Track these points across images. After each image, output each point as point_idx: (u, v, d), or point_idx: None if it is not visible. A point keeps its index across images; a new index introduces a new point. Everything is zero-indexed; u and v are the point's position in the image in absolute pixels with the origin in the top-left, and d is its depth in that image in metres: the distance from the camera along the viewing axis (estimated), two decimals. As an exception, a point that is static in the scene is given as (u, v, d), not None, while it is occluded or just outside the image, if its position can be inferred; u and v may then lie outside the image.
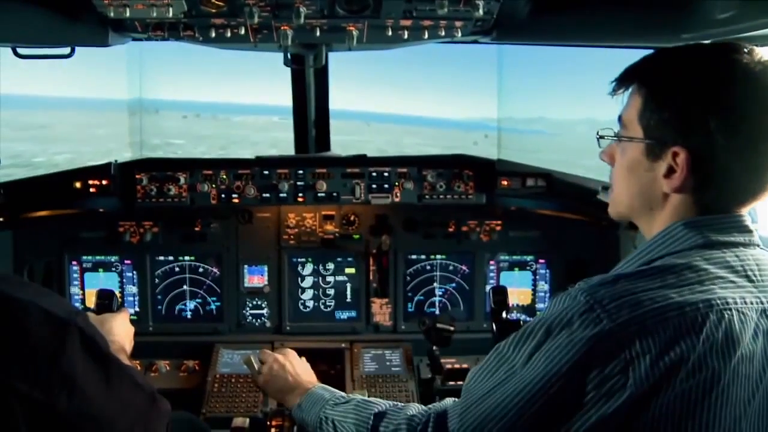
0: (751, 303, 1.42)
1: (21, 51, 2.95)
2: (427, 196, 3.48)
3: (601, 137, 1.72)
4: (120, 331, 2.51)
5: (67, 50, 2.93)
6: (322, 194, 3.44)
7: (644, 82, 1.57)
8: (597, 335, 1.36)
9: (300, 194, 3.45)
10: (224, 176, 3.44)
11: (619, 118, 1.66)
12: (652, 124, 1.54)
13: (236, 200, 3.44)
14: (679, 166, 1.49)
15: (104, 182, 3.40)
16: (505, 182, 3.48)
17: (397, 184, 3.47)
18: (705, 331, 1.36)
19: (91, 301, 3.57)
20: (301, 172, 3.45)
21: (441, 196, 3.48)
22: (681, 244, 1.51)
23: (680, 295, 1.38)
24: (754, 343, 1.40)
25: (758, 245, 1.55)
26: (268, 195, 3.44)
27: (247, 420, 2.82)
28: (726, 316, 1.38)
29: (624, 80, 1.64)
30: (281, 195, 3.44)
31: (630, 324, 1.35)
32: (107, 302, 2.79)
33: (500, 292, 2.90)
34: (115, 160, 3.46)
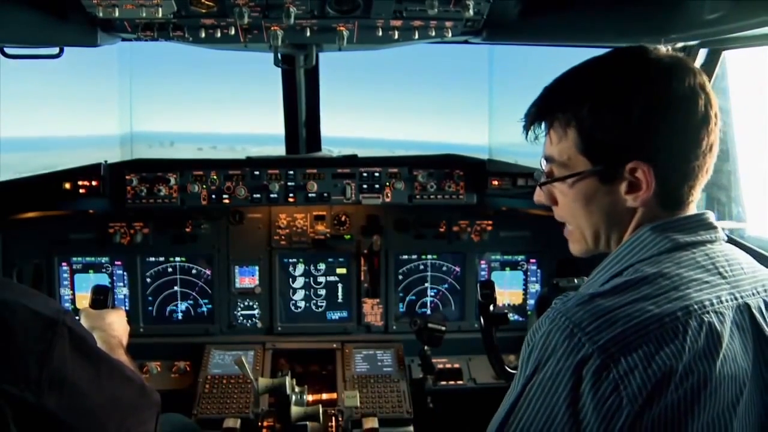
0: (726, 301, 1.43)
1: (9, 51, 2.94)
2: (417, 196, 3.48)
3: (545, 183, 1.68)
4: (119, 326, 2.54)
5: (55, 50, 2.92)
6: (313, 195, 3.43)
7: (573, 111, 1.55)
8: (582, 361, 1.35)
9: (291, 195, 3.44)
10: (215, 177, 3.43)
11: (549, 158, 1.63)
12: (596, 151, 1.53)
13: (227, 201, 3.43)
14: (641, 180, 1.49)
15: (94, 183, 3.38)
16: (495, 182, 3.49)
17: (387, 184, 3.47)
18: (688, 338, 1.35)
19: (81, 303, 3.56)
20: (291, 172, 3.44)
21: (432, 197, 3.48)
22: (650, 250, 1.51)
23: (658, 306, 1.38)
24: (732, 340, 1.41)
25: (723, 240, 1.56)
26: (258, 196, 3.43)
27: (239, 421, 2.83)
28: (705, 320, 1.38)
29: (542, 117, 1.63)
30: (272, 195, 3.43)
31: (611, 344, 1.34)
32: (102, 297, 2.79)
33: (488, 286, 2.90)
34: (105, 161, 3.44)
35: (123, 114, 4.44)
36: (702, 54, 2.87)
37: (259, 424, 2.76)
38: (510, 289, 3.75)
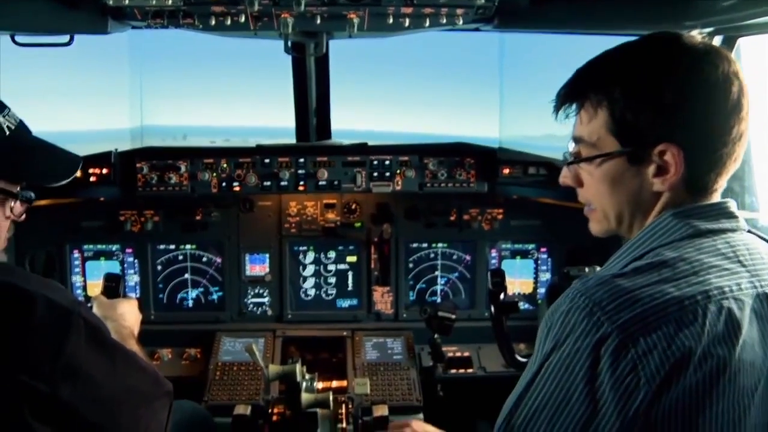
0: (746, 288, 1.43)
1: (19, 39, 2.94)
2: (428, 185, 3.46)
3: (573, 163, 1.67)
4: (131, 316, 2.55)
5: (65, 38, 2.92)
6: (324, 183, 3.43)
7: (604, 92, 1.54)
8: (600, 340, 1.35)
9: (301, 182, 3.44)
10: (225, 165, 3.43)
11: (578, 139, 1.63)
12: (627, 132, 1.52)
13: (237, 189, 3.43)
14: (670, 163, 1.48)
15: (104, 171, 3.39)
16: (506, 170, 3.47)
17: (398, 172, 3.45)
18: (707, 322, 1.35)
19: (92, 290, 3.57)
20: (302, 160, 3.44)
21: (442, 185, 3.47)
22: (671, 235, 1.51)
23: (678, 289, 1.37)
24: (752, 327, 1.40)
25: (744, 230, 1.55)
26: (269, 183, 3.42)
27: (249, 407, 2.83)
28: (725, 305, 1.38)
29: (574, 97, 1.62)
30: (282, 183, 3.42)
31: (631, 323, 1.34)
32: (114, 285, 2.80)
33: (498, 274, 2.89)
34: (116, 149, 3.45)
35: (134, 108, 4.44)
36: (717, 41, 2.84)
37: (270, 410, 2.76)
38: (520, 278, 3.75)
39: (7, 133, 1.81)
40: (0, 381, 1.55)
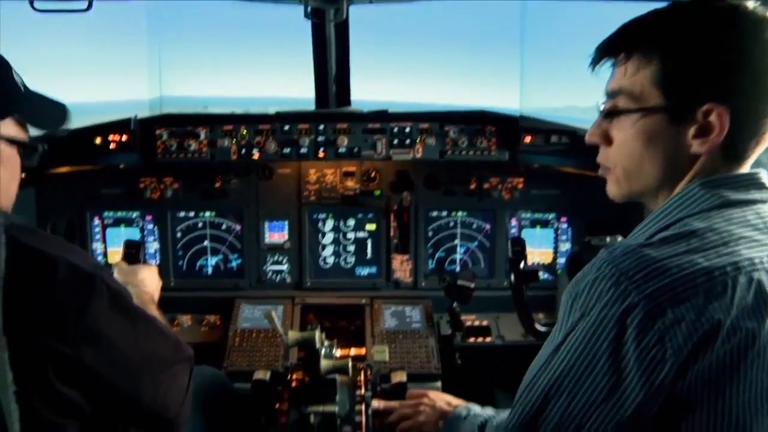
0: None
1: (38, 5, 2.92)
2: (449, 152, 3.43)
3: (612, 113, 1.60)
4: (151, 282, 2.57)
5: (84, 4, 2.90)
6: (343, 150, 3.40)
7: (657, 43, 1.49)
8: (627, 310, 1.33)
9: (321, 150, 3.42)
10: (244, 132, 3.41)
11: (617, 91, 1.57)
12: (676, 86, 1.47)
13: (256, 156, 3.41)
14: (714, 124, 1.44)
15: (124, 138, 3.39)
16: (528, 139, 3.43)
17: (418, 139, 3.42)
18: (737, 294, 1.32)
19: (113, 258, 3.60)
20: (321, 127, 3.41)
21: (463, 152, 3.43)
22: (699, 205, 1.47)
23: (707, 260, 1.34)
24: None
25: None
26: (288, 150, 3.41)
27: (269, 373, 2.85)
28: (755, 277, 1.35)
29: (621, 48, 1.56)
30: (302, 151, 3.40)
31: (659, 294, 1.31)
32: (134, 251, 2.82)
33: (518, 243, 2.87)
34: (135, 116, 3.44)
35: (152, 78, 4.42)
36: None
37: (289, 376, 2.77)
38: (540, 248, 3.72)
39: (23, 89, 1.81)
40: (24, 343, 1.56)
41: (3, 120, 1.74)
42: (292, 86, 4.23)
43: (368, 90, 4.03)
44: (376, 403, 2.65)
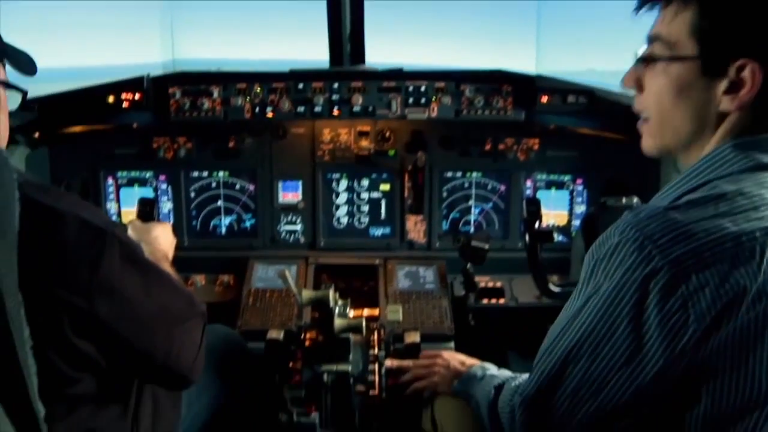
0: None
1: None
2: (464, 112, 3.39)
3: (647, 59, 1.56)
4: (165, 240, 2.57)
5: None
6: (358, 108, 3.37)
7: None
8: (650, 274, 1.31)
9: (335, 108, 3.39)
10: (258, 90, 3.38)
11: (654, 37, 1.53)
12: (711, 37, 1.42)
13: (270, 114, 3.39)
14: (747, 79, 1.39)
15: (137, 96, 3.37)
16: (545, 98, 3.38)
17: (434, 98, 3.38)
18: (765, 260, 1.29)
19: (126, 217, 3.60)
20: (336, 86, 3.38)
21: (479, 112, 3.39)
22: (729, 167, 1.43)
23: (735, 224, 1.31)
24: None
25: None
26: (302, 109, 3.38)
27: (282, 332, 2.86)
28: None
29: None
30: (316, 109, 3.37)
31: (684, 258, 1.29)
32: (149, 209, 2.82)
33: (534, 203, 2.84)
34: (148, 74, 3.42)
35: (165, 41, 4.37)
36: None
37: (302, 336, 2.78)
38: (555, 210, 3.68)
39: None
40: (39, 298, 1.57)
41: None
42: (306, 49, 4.17)
43: (382, 53, 3.97)
44: (389, 363, 2.66)
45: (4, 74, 1.83)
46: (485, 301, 3.46)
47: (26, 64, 1.90)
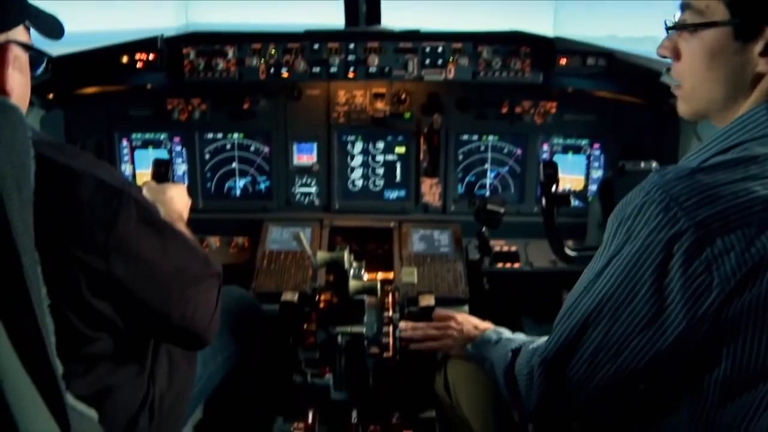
0: None
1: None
2: (481, 73, 3.34)
3: (673, 28, 1.54)
4: (180, 201, 2.58)
5: None
6: (374, 69, 3.32)
7: None
8: (675, 236, 1.29)
9: (351, 69, 3.35)
10: (273, 50, 3.34)
11: (686, 4, 1.49)
12: (742, 1, 1.39)
13: (285, 75, 3.35)
14: None
15: (151, 57, 3.35)
16: (563, 60, 3.32)
17: (451, 60, 3.33)
18: None
19: (141, 179, 3.60)
20: (352, 46, 3.33)
21: (496, 74, 3.34)
22: (763, 129, 1.40)
23: (765, 188, 1.28)
24: None
25: None
26: (318, 70, 3.34)
27: (297, 294, 2.87)
28: None
29: None
30: (331, 70, 3.33)
31: (710, 221, 1.27)
32: (164, 170, 2.81)
33: (551, 166, 2.80)
34: (162, 35, 3.39)
35: (179, 5, 4.33)
36: None
37: (317, 298, 2.79)
38: (572, 175, 3.65)
39: None
40: (56, 256, 1.57)
41: (17, 27, 1.71)
42: (322, 14, 4.12)
43: (398, 16, 3.91)
44: (403, 325, 2.66)
45: (28, 37, 1.81)
46: (500, 265, 3.44)
47: (52, 27, 1.87)
